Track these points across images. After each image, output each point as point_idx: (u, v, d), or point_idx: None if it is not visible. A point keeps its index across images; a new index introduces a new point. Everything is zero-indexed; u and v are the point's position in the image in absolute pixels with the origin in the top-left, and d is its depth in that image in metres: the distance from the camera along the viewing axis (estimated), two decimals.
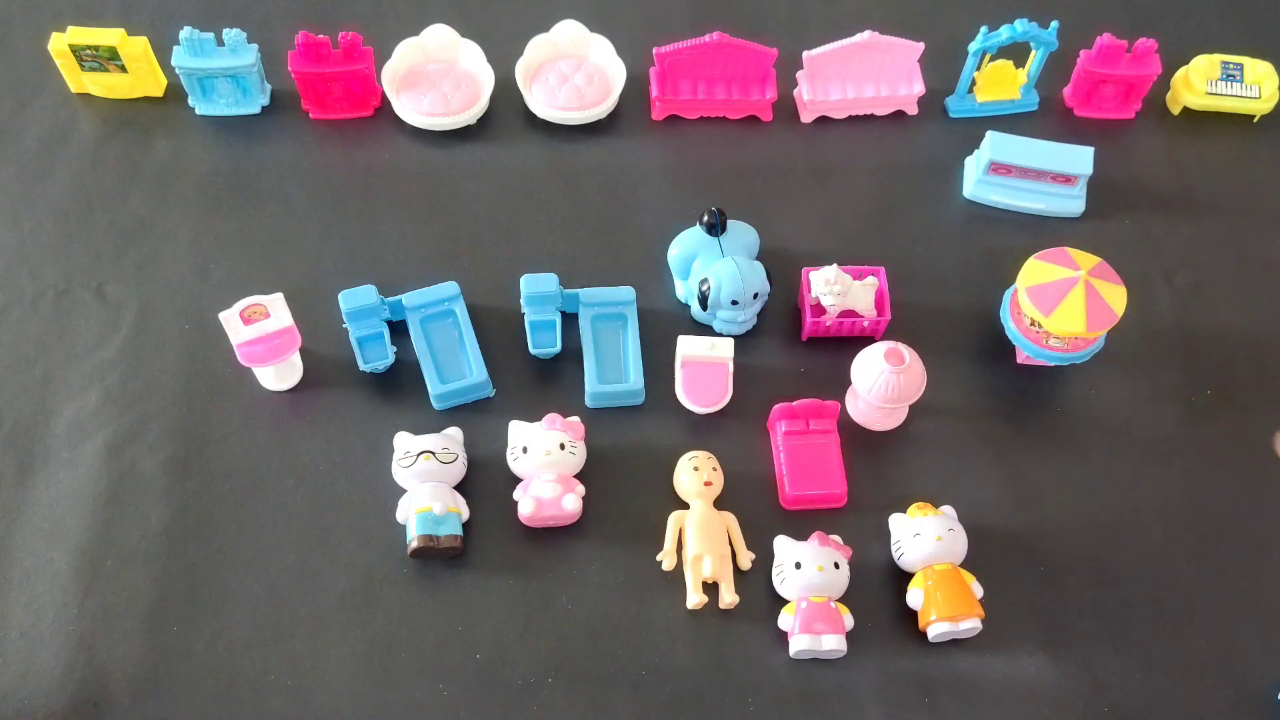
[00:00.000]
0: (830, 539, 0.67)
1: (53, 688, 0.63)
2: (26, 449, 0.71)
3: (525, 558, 0.68)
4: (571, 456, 0.69)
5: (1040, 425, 0.74)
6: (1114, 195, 0.83)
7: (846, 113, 0.87)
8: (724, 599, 0.66)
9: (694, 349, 0.73)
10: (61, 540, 0.67)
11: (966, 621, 0.65)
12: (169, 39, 0.82)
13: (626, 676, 0.65)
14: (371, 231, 0.80)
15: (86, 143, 0.83)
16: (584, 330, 0.74)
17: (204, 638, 0.65)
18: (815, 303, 0.75)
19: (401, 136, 0.84)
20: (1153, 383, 0.76)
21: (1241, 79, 0.87)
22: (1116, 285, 0.70)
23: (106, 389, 0.73)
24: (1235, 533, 0.71)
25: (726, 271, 0.73)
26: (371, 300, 0.72)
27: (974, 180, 0.82)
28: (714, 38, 0.81)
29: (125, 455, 0.70)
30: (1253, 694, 0.65)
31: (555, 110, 0.84)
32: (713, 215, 0.75)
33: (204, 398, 0.73)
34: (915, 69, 0.85)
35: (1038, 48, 0.83)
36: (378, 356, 0.73)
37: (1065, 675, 0.65)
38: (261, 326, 0.70)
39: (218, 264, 0.78)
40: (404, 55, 0.85)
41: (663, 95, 0.85)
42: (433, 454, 0.68)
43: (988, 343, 0.77)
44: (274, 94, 0.86)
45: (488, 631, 0.66)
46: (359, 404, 0.73)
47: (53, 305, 0.76)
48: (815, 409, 0.71)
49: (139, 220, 0.80)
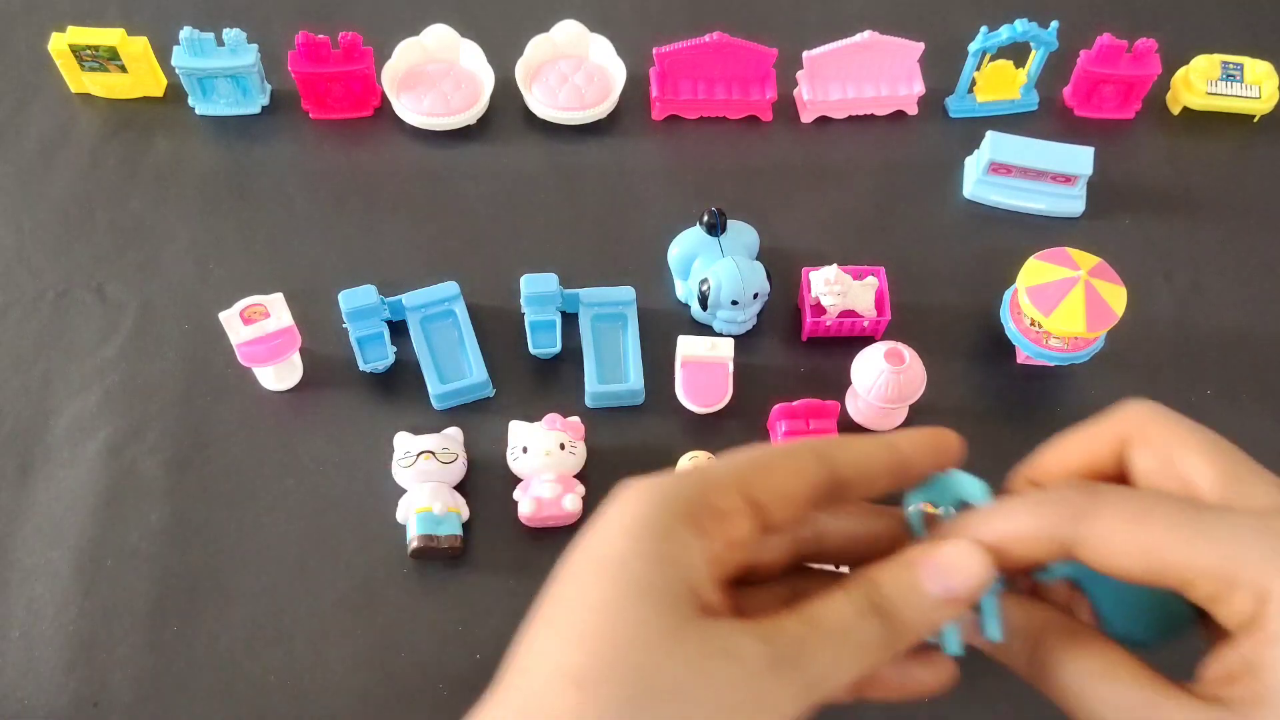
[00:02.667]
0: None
1: (53, 688, 0.63)
2: (26, 449, 0.71)
3: (525, 558, 0.68)
4: (571, 456, 0.69)
5: (1040, 425, 0.74)
6: (1114, 195, 0.83)
7: (846, 113, 0.87)
8: None
9: (694, 349, 0.73)
10: (61, 540, 0.68)
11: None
12: (169, 39, 0.82)
13: None
14: (371, 231, 0.80)
15: (86, 143, 0.83)
16: (584, 330, 0.75)
17: (204, 638, 0.65)
18: (815, 303, 0.75)
19: (401, 136, 0.84)
20: (1153, 383, 0.76)
21: (1241, 79, 0.87)
22: (1116, 285, 0.70)
23: (106, 389, 0.73)
24: None
25: (726, 271, 0.73)
26: (371, 300, 0.72)
27: (974, 180, 0.82)
28: (714, 38, 0.81)
29: (125, 455, 0.70)
30: None
31: (555, 110, 0.84)
32: (713, 215, 0.75)
33: (204, 398, 0.73)
34: (915, 69, 0.85)
35: (1038, 48, 0.83)
36: (378, 356, 0.73)
37: None
38: (261, 326, 0.70)
39: (218, 264, 0.78)
40: (404, 55, 0.85)
41: (663, 95, 0.85)
42: (433, 454, 0.68)
43: (988, 343, 0.77)
44: (274, 94, 0.86)
45: (488, 631, 0.66)
46: (359, 404, 0.73)
47: (53, 305, 0.76)
48: (815, 409, 0.71)
49: (139, 220, 0.80)
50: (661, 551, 0.33)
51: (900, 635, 0.34)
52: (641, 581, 0.32)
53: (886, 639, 0.33)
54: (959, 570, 0.34)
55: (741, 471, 0.35)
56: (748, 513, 0.35)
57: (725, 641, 0.32)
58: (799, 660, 0.32)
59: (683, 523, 0.33)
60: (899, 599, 0.34)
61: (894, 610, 0.34)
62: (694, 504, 0.33)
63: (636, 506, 0.34)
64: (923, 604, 0.34)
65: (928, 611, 0.34)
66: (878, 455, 0.37)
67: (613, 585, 0.32)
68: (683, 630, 0.32)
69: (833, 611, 0.33)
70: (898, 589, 0.34)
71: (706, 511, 0.34)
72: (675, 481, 0.34)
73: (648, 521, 0.33)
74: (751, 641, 0.32)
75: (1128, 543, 0.32)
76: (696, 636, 0.32)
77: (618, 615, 0.32)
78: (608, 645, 0.31)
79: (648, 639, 0.31)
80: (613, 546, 0.33)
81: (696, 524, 0.33)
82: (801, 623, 0.33)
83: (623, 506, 0.34)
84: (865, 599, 0.34)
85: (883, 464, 0.37)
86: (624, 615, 0.32)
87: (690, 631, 0.32)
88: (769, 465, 0.35)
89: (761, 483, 0.35)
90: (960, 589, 0.34)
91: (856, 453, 0.37)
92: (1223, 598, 0.31)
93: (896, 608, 0.34)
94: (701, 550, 0.33)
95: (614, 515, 0.34)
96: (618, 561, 0.33)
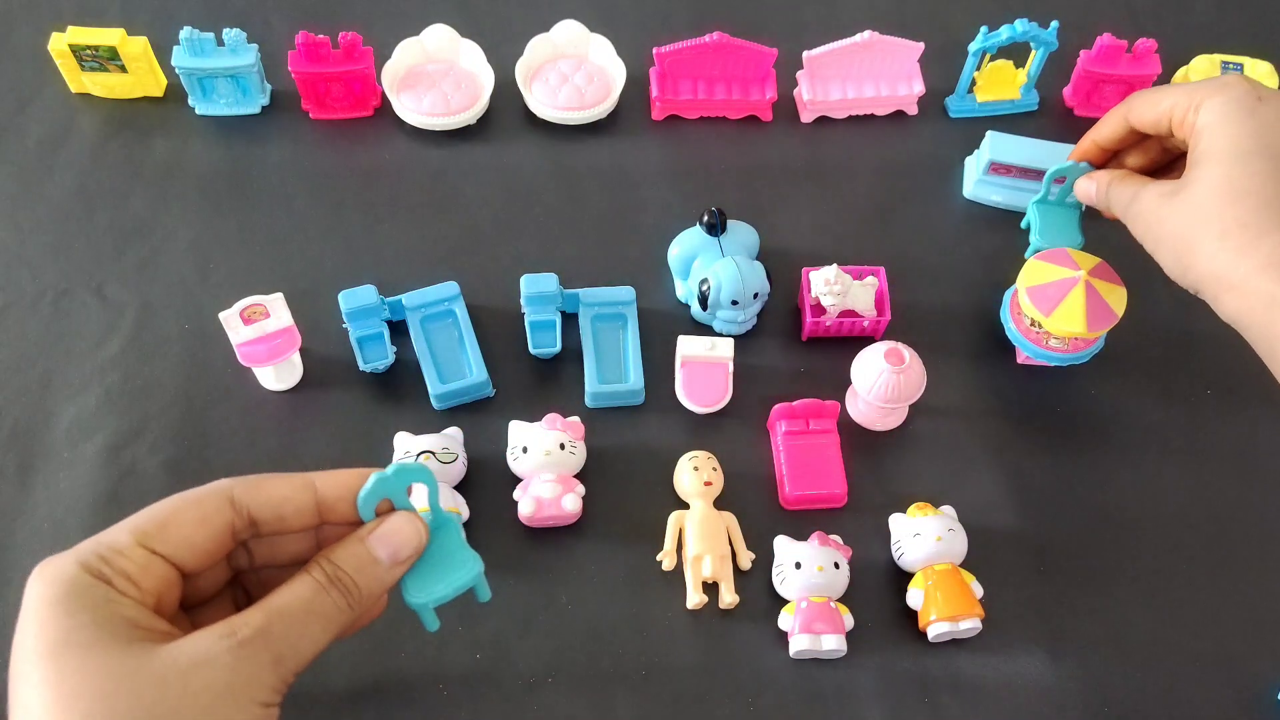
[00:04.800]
0: (830, 539, 0.67)
1: None
2: (26, 449, 0.71)
3: (525, 558, 0.68)
4: (571, 456, 0.69)
5: (1040, 425, 0.74)
6: None
7: (846, 113, 0.87)
8: (724, 599, 0.66)
9: (694, 349, 0.73)
10: (61, 540, 0.67)
11: (966, 621, 0.65)
12: (169, 39, 0.82)
13: (626, 676, 0.65)
14: (371, 231, 0.80)
15: (86, 143, 0.83)
16: (584, 330, 0.75)
17: None
18: (815, 303, 0.75)
19: (401, 136, 0.84)
20: (1153, 383, 0.76)
21: None
22: (1116, 285, 0.70)
23: (106, 389, 0.73)
24: (1235, 533, 0.71)
25: (726, 271, 0.73)
26: (371, 300, 0.72)
27: (974, 180, 0.82)
28: (714, 38, 0.81)
29: (125, 455, 0.70)
30: (1253, 694, 0.66)
31: (555, 110, 0.84)
32: (713, 215, 0.75)
33: (204, 398, 0.73)
34: (915, 69, 0.85)
35: (1038, 48, 0.83)
36: (378, 356, 0.73)
37: (1065, 675, 0.66)
38: (261, 326, 0.70)
39: (218, 264, 0.78)
40: (404, 55, 0.85)
41: (663, 95, 0.85)
42: (433, 454, 0.68)
43: (988, 343, 0.77)
44: (274, 94, 0.86)
45: (488, 631, 0.66)
46: (359, 404, 0.73)
47: (53, 305, 0.76)
48: (815, 409, 0.71)
49: (139, 220, 0.80)
50: (84, 610, 0.38)
51: (359, 599, 0.42)
52: (81, 641, 0.37)
53: (349, 603, 0.42)
54: (402, 536, 0.43)
55: (141, 530, 0.41)
56: (158, 563, 0.41)
57: (192, 651, 0.38)
58: (267, 641, 0.39)
59: (90, 584, 0.39)
60: (354, 569, 0.42)
61: (351, 580, 0.42)
62: (94, 568, 0.39)
63: (44, 588, 0.39)
64: (376, 570, 0.42)
65: (381, 575, 0.43)
66: (296, 497, 0.43)
67: (56, 660, 0.37)
68: (144, 660, 0.37)
69: (294, 595, 0.41)
70: (353, 561, 0.42)
71: (110, 570, 0.39)
72: (74, 554, 0.40)
73: (59, 595, 0.38)
74: (215, 640, 0.38)
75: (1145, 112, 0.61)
76: (161, 658, 0.37)
77: (78, 679, 0.37)
78: (80, 704, 0.36)
79: (110, 682, 0.37)
80: (42, 631, 0.38)
81: (106, 581, 0.39)
82: (264, 612, 0.40)
83: (34, 591, 0.39)
84: (325, 576, 0.41)
85: (302, 504, 0.44)
86: (84, 673, 0.37)
87: (152, 658, 0.37)
88: (169, 520, 0.42)
89: (161, 537, 0.41)
90: (403, 552, 0.43)
91: (272, 494, 0.43)
92: (1180, 119, 0.58)
93: (353, 577, 0.42)
94: (119, 600, 0.39)
95: (29, 606, 0.39)
96: (53, 640, 0.37)
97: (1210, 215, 0.55)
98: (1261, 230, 0.53)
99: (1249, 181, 0.54)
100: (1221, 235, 0.54)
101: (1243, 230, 0.53)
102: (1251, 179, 0.53)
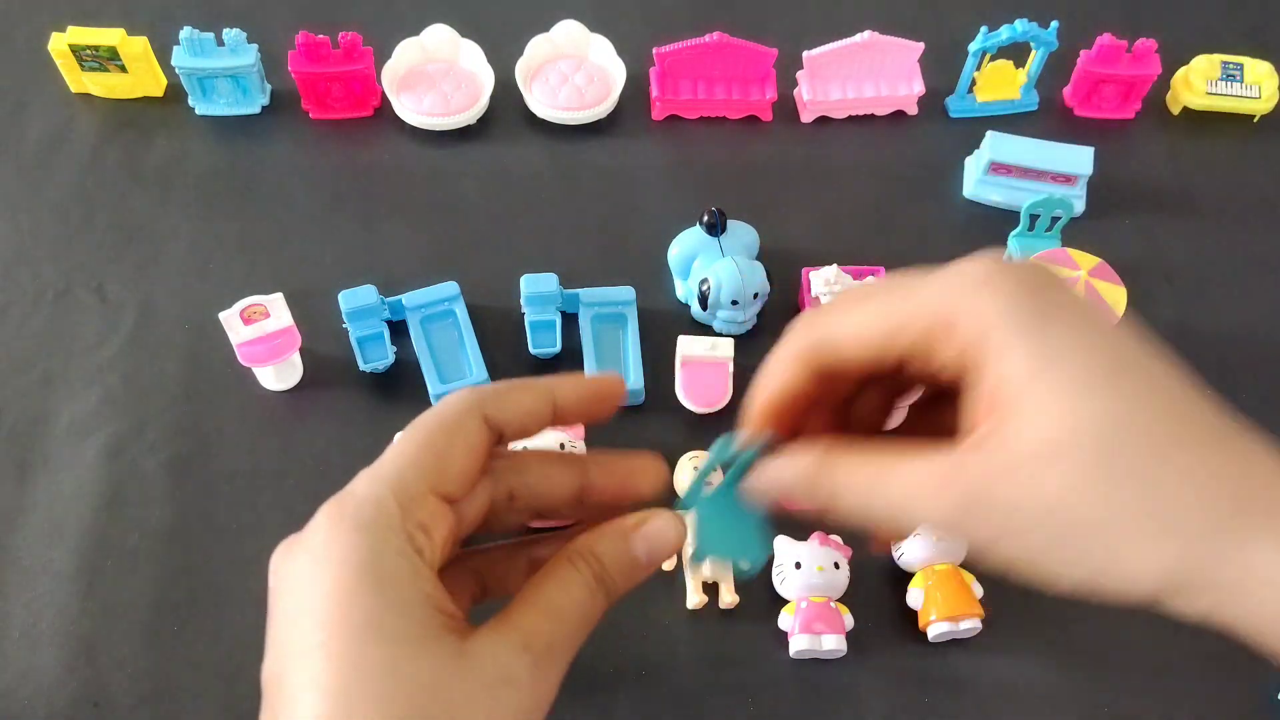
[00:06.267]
0: (830, 539, 0.67)
1: (53, 688, 0.63)
2: (26, 449, 0.71)
3: None
4: None
5: None
6: (1114, 195, 0.83)
7: (846, 113, 0.87)
8: (724, 599, 0.66)
9: (694, 349, 0.73)
10: (61, 540, 0.67)
11: (966, 621, 0.65)
12: (169, 39, 0.82)
13: (626, 676, 0.65)
14: (371, 231, 0.80)
15: (86, 143, 0.83)
16: (584, 330, 0.75)
17: (204, 638, 0.65)
18: (815, 303, 0.75)
19: (401, 136, 0.84)
20: None
21: (1241, 79, 0.87)
22: (1116, 285, 0.70)
23: (106, 389, 0.73)
24: None
25: (726, 271, 0.73)
26: (371, 300, 0.72)
27: (974, 180, 0.82)
28: (714, 38, 0.81)
29: (125, 455, 0.70)
30: (1253, 694, 0.65)
31: (555, 110, 0.84)
32: (713, 215, 0.76)
33: (204, 398, 0.73)
34: (915, 69, 0.85)
35: (1038, 48, 0.83)
36: (378, 356, 0.73)
37: (1065, 675, 0.65)
38: (261, 326, 0.70)
39: (218, 264, 0.78)
40: (404, 55, 0.85)
41: (663, 95, 0.85)
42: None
43: None
44: (274, 94, 0.86)
45: None
46: (359, 404, 0.73)
47: (53, 305, 0.76)
48: None
49: (139, 220, 0.80)
50: (394, 587, 0.33)
51: (613, 598, 0.38)
52: (394, 632, 0.33)
53: (606, 605, 0.38)
54: (664, 538, 0.39)
55: (424, 470, 0.36)
56: (443, 508, 0.36)
57: (494, 665, 0.34)
58: (553, 657, 0.36)
59: (401, 550, 0.34)
60: (615, 568, 0.38)
61: (613, 580, 0.38)
62: (404, 529, 0.34)
63: (347, 549, 0.33)
64: (635, 571, 0.38)
65: (636, 576, 0.39)
66: (538, 408, 0.39)
67: (363, 649, 0.32)
68: (455, 667, 0.33)
69: (570, 599, 0.37)
70: (615, 560, 0.38)
71: (413, 528, 0.34)
72: (377, 505, 0.34)
73: (366, 563, 0.33)
74: (514, 654, 0.34)
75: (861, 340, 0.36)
76: (469, 668, 0.33)
77: (390, 683, 0.32)
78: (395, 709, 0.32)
79: (422, 694, 0.32)
80: (347, 610, 0.33)
81: (416, 549, 0.34)
82: (548, 618, 0.36)
83: (335, 549, 0.34)
84: (593, 576, 0.37)
85: (544, 414, 0.40)
86: (397, 677, 0.32)
87: (460, 666, 0.33)
88: (445, 452, 0.36)
89: (445, 478, 0.36)
90: (661, 554, 0.39)
91: (519, 407, 0.39)
92: (941, 338, 0.33)
93: (614, 576, 0.38)
94: (425, 574, 0.34)
95: (326, 567, 0.33)
96: (359, 625, 0.33)
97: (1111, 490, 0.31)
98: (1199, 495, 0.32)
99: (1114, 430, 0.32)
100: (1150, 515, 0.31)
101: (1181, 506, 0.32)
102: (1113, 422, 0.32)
